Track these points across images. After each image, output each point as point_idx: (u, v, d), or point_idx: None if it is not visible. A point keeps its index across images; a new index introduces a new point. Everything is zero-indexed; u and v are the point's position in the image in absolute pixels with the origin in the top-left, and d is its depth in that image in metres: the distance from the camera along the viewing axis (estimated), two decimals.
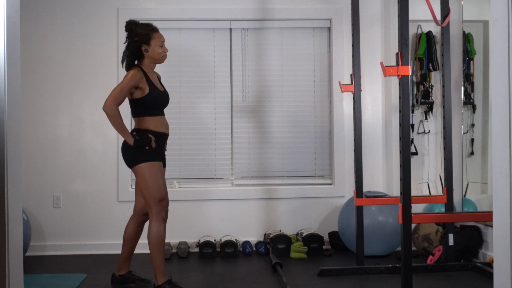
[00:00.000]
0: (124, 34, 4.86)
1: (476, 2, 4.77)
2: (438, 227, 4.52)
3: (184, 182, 5.06)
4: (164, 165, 3.62)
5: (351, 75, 4.22)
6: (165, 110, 5.16)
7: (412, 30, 4.90)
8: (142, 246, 4.94)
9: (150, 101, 3.47)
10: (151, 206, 3.42)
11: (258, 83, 5.14)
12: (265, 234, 4.90)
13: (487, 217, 3.71)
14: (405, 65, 2.99)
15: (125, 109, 3.60)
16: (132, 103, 3.50)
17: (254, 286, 3.75)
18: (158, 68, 5.14)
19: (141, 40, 3.47)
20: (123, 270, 3.74)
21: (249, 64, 5.12)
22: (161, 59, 3.56)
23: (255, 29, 5.12)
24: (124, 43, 3.55)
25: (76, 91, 4.96)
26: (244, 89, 5.11)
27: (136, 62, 3.53)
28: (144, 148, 3.40)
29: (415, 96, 4.96)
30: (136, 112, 3.51)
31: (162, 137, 3.54)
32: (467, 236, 4.34)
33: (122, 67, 3.57)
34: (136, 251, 4.85)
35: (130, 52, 3.48)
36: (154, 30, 3.53)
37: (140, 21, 3.57)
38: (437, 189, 4.97)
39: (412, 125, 4.87)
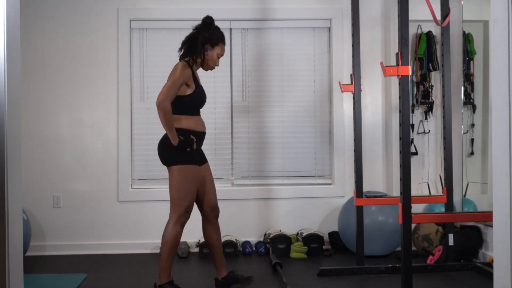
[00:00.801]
0: (124, 33, 4.94)
1: (476, 2, 4.77)
2: (438, 227, 4.52)
3: None
4: (205, 161, 3.59)
5: (351, 75, 4.22)
6: None
7: (412, 30, 4.90)
8: (146, 246, 4.96)
9: (194, 99, 3.44)
10: (176, 208, 3.38)
11: (258, 83, 5.14)
12: (265, 234, 4.90)
13: (487, 217, 3.71)
14: (405, 65, 2.99)
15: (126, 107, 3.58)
16: (177, 100, 3.39)
17: (254, 286, 3.75)
18: (157, 68, 5.15)
19: (209, 39, 3.47)
20: (223, 272, 3.61)
21: (249, 64, 5.12)
22: (210, 66, 3.54)
23: (255, 29, 5.12)
24: (193, 29, 3.54)
25: (76, 91, 4.96)
26: (244, 89, 5.11)
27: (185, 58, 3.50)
28: (186, 149, 3.36)
29: (415, 96, 4.96)
30: (178, 109, 3.41)
31: (202, 137, 3.54)
32: (467, 236, 4.34)
33: (180, 51, 3.53)
34: (142, 251, 4.87)
35: (200, 43, 3.45)
36: (223, 41, 3.55)
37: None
38: (437, 189, 4.97)
39: (412, 125, 4.87)
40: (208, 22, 3.53)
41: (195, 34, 3.51)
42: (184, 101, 3.41)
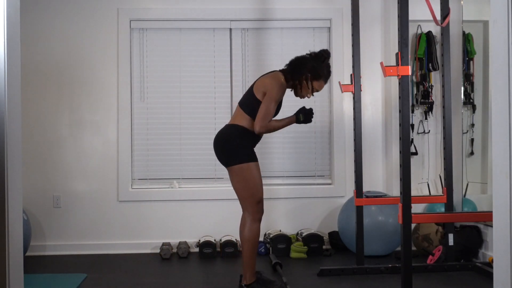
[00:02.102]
0: (124, 33, 4.94)
1: (476, 2, 4.77)
2: (438, 227, 4.52)
3: (184, 182, 5.06)
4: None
5: (351, 75, 4.22)
6: (165, 110, 5.19)
7: (412, 30, 4.90)
8: (146, 246, 4.95)
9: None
10: (249, 206, 3.43)
11: None
12: (265, 234, 4.90)
13: (487, 217, 3.71)
14: (405, 65, 2.99)
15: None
16: (255, 104, 3.42)
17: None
18: (157, 68, 5.14)
19: (314, 71, 3.47)
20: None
21: (249, 64, 5.12)
22: (301, 95, 3.57)
23: (255, 29, 5.12)
24: (307, 53, 3.53)
25: (76, 91, 4.96)
26: (244, 89, 5.11)
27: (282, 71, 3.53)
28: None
29: (415, 96, 4.96)
30: (251, 111, 3.44)
31: (259, 138, 3.56)
32: (467, 236, 4.34)
33: (285, 66, 3.56)
34: (142, 251, 4.86)
35: (304, 70, 3.45)
36: (326, 80, 3.55)
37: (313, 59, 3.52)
38: (437, 189, 4.97)
39: (412, 125, 4.87)
40: (323, 56, 3.51)
41: (304, 60, 3.50)
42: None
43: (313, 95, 3.61)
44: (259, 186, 3.44)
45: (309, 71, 3.47)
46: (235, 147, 3.41)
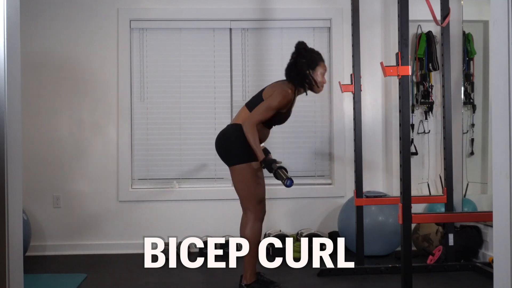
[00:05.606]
0: (124, 33, 4.95)
1: (476, 2, 4.77)
2: (438, 227, 4.52)
3: (184, 182, 5.06)
4: None
5: (351, 75, 4.22)
6: (165, 110, 5.19)
7: (412, 30, 4.90)
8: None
9: (276, 120, 3.49)
10: (251, 206, 3.43)
11: (258, 83, 5.12)
12: (265, 234, 4.89)
13: (487, 217, 3.71)
14: (405, 65, 2.99)
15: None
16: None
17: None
18: (157, 68, 5.14)
19: (309, 64, 3.46)
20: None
21: (249, 64, 5.12)
22: (319, 89, 3.53)
23: (255, 29, 5.12)
24: (290, 58, 3.54)
25: (76, 91, 4.96)
26: (244, 89, 5.11)
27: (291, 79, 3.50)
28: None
29: (415, 96, 4.96)
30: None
31: (264, 138, 3.57)
32: (467, 236, 4.34)
33: (287, 78, 3.53)
34: (142, 251, 4.87)
35: (302, 72, 3.45)
36: (322, 59, 3.53)
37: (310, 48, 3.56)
38: (437, 189, 4.97)
39: (412, 125, 4.87)
40: (301, 48, 3.52)
41: (293, 64, 3.50)
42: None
43: (324, 82, 3.55)
44: (260, 185, 3.44)
45: (306, 67, 3.46)
46: (236, 146, 3.41)
